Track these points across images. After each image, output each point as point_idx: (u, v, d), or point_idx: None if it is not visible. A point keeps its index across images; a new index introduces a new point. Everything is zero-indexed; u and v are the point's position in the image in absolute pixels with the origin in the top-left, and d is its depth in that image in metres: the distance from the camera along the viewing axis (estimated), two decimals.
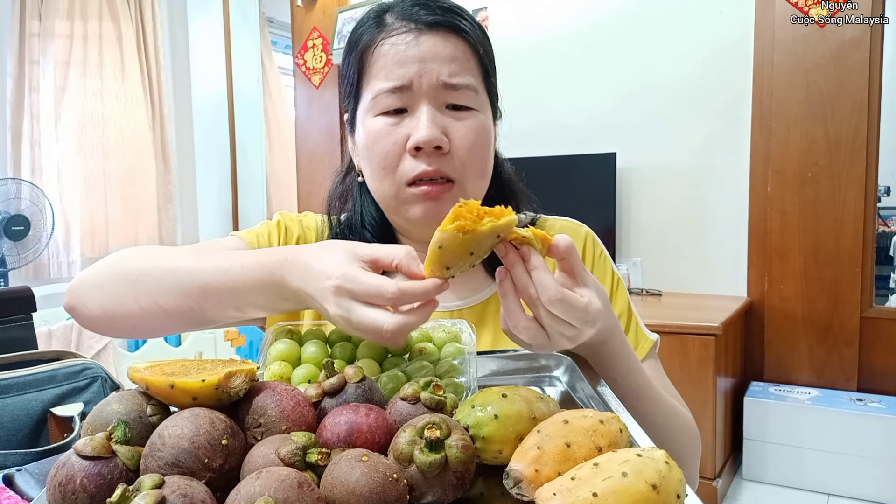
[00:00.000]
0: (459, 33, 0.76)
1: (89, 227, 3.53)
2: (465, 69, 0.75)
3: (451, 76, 0.74)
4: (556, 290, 0.56)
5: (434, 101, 0.74)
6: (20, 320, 1.24)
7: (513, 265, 0.57)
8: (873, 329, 2.58)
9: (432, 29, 0.74)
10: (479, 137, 0.76)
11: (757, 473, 2.59)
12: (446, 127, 0.75)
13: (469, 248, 0.54)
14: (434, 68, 0.73)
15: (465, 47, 0.76)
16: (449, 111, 0.75)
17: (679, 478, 0.42)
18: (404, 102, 0.75)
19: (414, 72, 0.73)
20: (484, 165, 0.78)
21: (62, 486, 0.43)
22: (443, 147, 0.74)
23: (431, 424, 0.45)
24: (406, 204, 0.77)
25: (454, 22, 0.75)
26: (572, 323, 0.58)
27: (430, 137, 0.72)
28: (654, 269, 2.98)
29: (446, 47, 0.74)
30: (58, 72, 3.42)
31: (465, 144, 0.75)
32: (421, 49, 0.74)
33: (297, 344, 0.67)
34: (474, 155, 0.76)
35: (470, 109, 0.76)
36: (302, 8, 3.76)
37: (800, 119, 2.63)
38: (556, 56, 3.14)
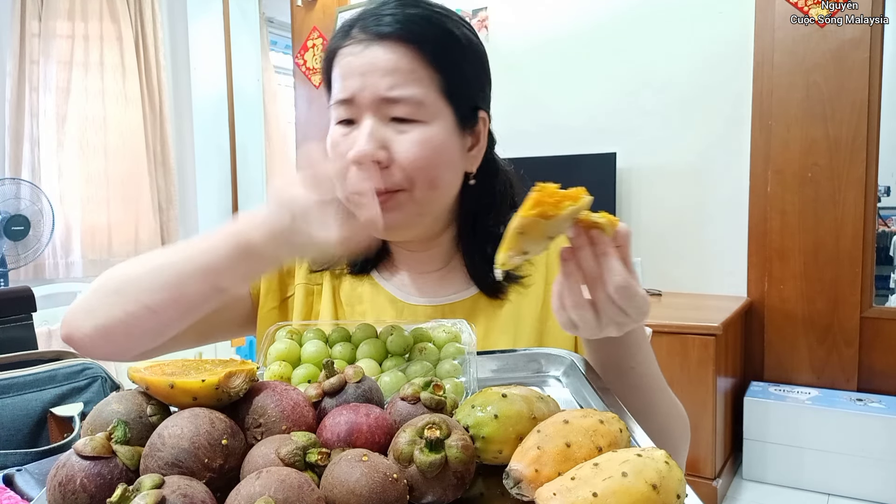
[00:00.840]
0: (409, 44, 0.73)
1: (89, 228, 3.53)
2: (407, 81, 0.73)
3: (390, 89, 0.72)
4: (624, 277, 0.57)
5: (377, 113, 0.73)
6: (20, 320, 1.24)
7: (581, 248, 0.58)
8: (873, 329, 2.58)
9: (381, 40, 0.73)
10: (421, 150, 0.73)
11: (757, 473, 2.59)
12: (388, 140, 0.73)
13: (548, 232, 0.55)
14: (373, 81, 0.72)
15: (413, 57, 0.73)
16: (393, 123, 0.74)
17: (679, 478, 0.42)
18: (351, 114, 0.75)
19: (356, 85, 0.73)
20: (434, 177, 0.75)
21: (62, 486, 0.43)
22: (381, 161, 0.72)
23: (431, 424, 0.45)
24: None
25: (406, 34, 0.73)
26: (627, 311, 0.59)
27: (363, 153, 0.72)
28: (654, 269, 2.98)
29: (389, 59, 0.73)
30: (58, 72, 3.42)
31: (407, 157, 0.73)
32: (363, 61, 0.73)
33: (297, 344, 0.67)
34: (418, 167, 0.73)
35: (414, 122, 0.74)
36: (302, 8, 3.76)
37: (800, 119, 2.63)
38: (556, 56, 3.14)
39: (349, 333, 0.69)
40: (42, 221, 3.11)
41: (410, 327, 0.69)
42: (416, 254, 0.87)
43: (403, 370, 0.64)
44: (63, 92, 3.44)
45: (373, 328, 0.70)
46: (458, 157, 0.78)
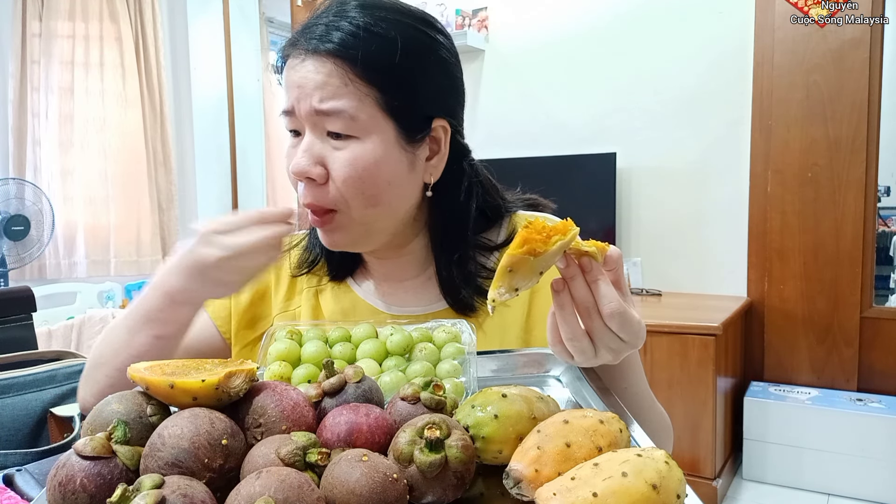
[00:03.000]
0: (338, 58, 0.70)
1: (90, 228, 3.53)
2: (338, 95, 0.70)
3: (321, 101, 0.70)
4: (619, 303, 0.57)
5: (314, 127, 0.72)
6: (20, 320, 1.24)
7: (573, 277, 0.57)
8: (873, 329, 2.58)
9: (314, 54, 0.72)
10: (354, 169, 0.71)
11: (757, 473, 2.59)
12: (325, 157, 0.72)
13: (538, 267, 0.55)
14: (307, 94, 0.71)
15: (344, 72, 0.70)
16: (330, 139, 0.72)
17: (679, 478, 0.42)
18: (296, 125, 0.74)
19: (294, 97, 0.72)
20: (371, 196, 0.73)
21: (62, 486, 0.43)
22: (316, 179, 0.71)
23: (431, 424, 0.45)
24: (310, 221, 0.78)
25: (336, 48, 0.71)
26: (623, 337, 0.58)
27: (297, 170, 0.71)
28: (653, 269, 2.98)
29: (319, 73, 0.71)
30: (59, 72, 3.42)
31: (340, 176, 0.71)
32: (299, 74, 0.72)
33: (297, 344, 0.67)
34: (352, 186, 0.71)
35: (350, 137, 0.71)
36: (302, 8, 3.76)
37: (800, 119, 2.63)
38: (556, 56, 3.14)
39: (349, 333, 0.69)
40: (42, 221, 3.11)
41: (411, 327, 0.69)
42: (387, 262, 0.85)
43: (403, 370, 0.64)
44: (63, 92, 3.44)
45: (373, 328, 0.70)
46: (402, 171, 0.74)
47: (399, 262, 0.85)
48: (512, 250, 0.53)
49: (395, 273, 0.85)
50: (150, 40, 3.67)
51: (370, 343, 0.67)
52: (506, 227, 0.87)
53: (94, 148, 3.53)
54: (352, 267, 0.88)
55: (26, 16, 3.29)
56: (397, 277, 0.85)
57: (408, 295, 0.85)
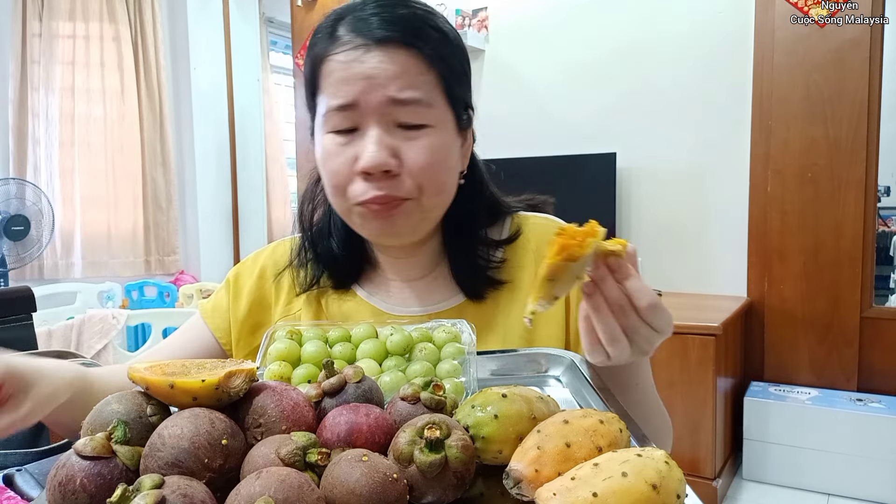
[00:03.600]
0: (410, 47, 0.71)
1: (90, 228, 3.53)
2: (415, 84, 0.71)
3: (399, 91, 0.70)
4: (652, 295, 0.58)
5: (382, 119, 0.71)
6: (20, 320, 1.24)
7: (603, 278, 0.58)
8: (873, 329, 2.58)
9: (381, 44, 0.70)
10: (433, 156, 0.72)
11: (757, 473, 2.59)
12: (397, 147, 0.71)
13: (576, 273, 0.56)
14: (380, 84, 0.70)
15: (417, 61, 0.71)
16: (400, 130, 0.71)
17: (679, 478, 0.42)
18: (353, 121, 0.71)
19: (360, 89, 0.70)
20: (441, 183, 0.74)
21: (62, 486, 0.43)
22: (392, 170, 0.71)
23: (431, 424, 0.45)
24: (361, 219, 0.75)
25: (405, 36, 0.71)
26: (658, 328, 0.59)
27: (376, 163, 0.69)
28: (654, 269, 2.98)
29: (394, 63, 0.70)
30: (59, 72, 3.42)
31: (417, 164, 0.71)
32: (366, 66, 0.70)
33: (297, 344, 0.67)
34: (429, 174, 0.72)
35: (423, 127, 0.72)
36: (302, 8, 3.76)
37: (800, 119, 2.63)
38: (556, 56, 3.14)
39: (349, 333, 0.69)
40: (42, 221, 3.11)
41: (411, 327, 0.69)
42: (401, 261, 0.85)
43: (403, 370, 0.64)
44: (63, 92, 3.44)
45: (373, 328, 0.69)
46: (457, 160, 0.77)
47: (413, 260, 0.84)
48: (551, 259, 0.54)
49: (407, 273, 0.85)
50: (149, 40, 3.67)
51: (370, 343, 0.67)
52: (508, 226, 0.87)
53: (94, 148, 3.53)
54: (357, 273, 0.87)
55: (26, 16, 3.29)
56: (407, 277, 0.85)
57: (422, 294, 0.84)
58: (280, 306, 0.87)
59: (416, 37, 0.72)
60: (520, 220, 0.88)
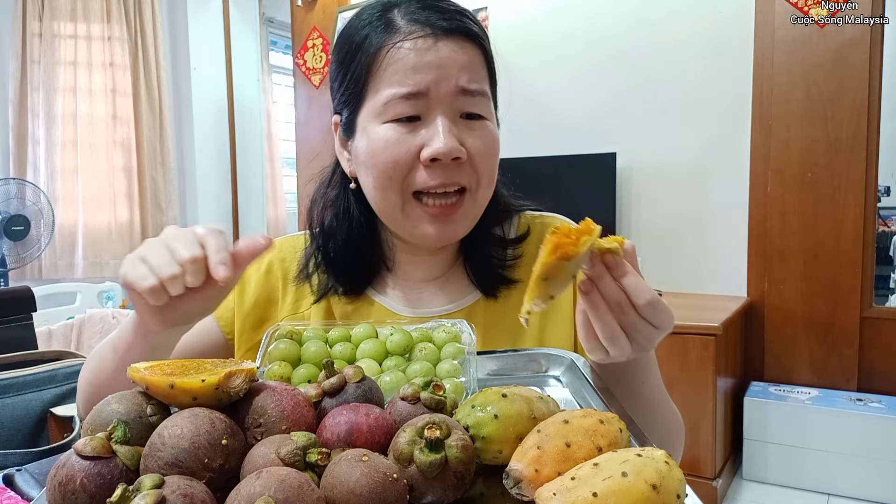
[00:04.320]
0: (473, 39, 0.73)
1: (89, 228, 3.53)
2: (480, 76, 0.74)
3: (469, 82, 0.72)
4: (651, 292, 0.57)
5: (449, 109, 0.72)
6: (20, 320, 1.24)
7: (600, 276, 0.57)
8: (873, 329, 2.58)
9: (448, 34, 0.71)
10: (491, 147, 0.75)
11: (757, 473, 2.59)
12: (461, 137, 0.72)
13: (571, 271, 0.55)
14: (453, 75, 0.71)
15: (479, 54, 0.74)
16: (462, 120, 0.73)
17: (679, 478, 0.42)
18: (418, 110, 0.71)
19: (431, 79, 0.70)
20: (494, 174, 0.77)
21: (62, 486, 0.43)
22: (460, 158, 0.72)
23: (431, 424, 0.45)
24: (414, 220, 0.75)
25: (467, 27, 0.73)
26: (657, 325, 0.58)
27: (451, 149, 0.70)
28: (654, 269, 2.97)
29: (463, 53, 0.72)
30: (59, 72, 3.42)
31: (479, 154, 0.73)
32: (440, 55, 0.71)
33: (297, 344, 0.67)
34: (487, 164, 0.74)
35: (482, 118, 0.74)
36: (302, 8, 3.76)
37: (800, 119, 2.63)
38: (556, 56, 3.14)
39: (349, 333, 0.69)
40: (42, 221, 3.12)
41: (411, 327, 0.69)
42: (422, 259, 0.84)
43: (403, 370, 0.64)
44: (64, 92, 3.44)
45: (373, 328, 0.69)
46: None
47: (434, 259, 0.84)
48: (545, 258, 0.54)
49: (424, 272, 0.84)
50: (149, 40, 3.67)
51: (370, 343, 0.67)
52: (516, 225, 0.87)
53: (94, 148, 3.53)
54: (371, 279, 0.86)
55: (26, 16, 3.29)
56: (423, 277, 0.84)
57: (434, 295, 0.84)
58: (287, 304, 0.86)
59: (475, 30, 0.74)
60: (528, 219, 0.88)
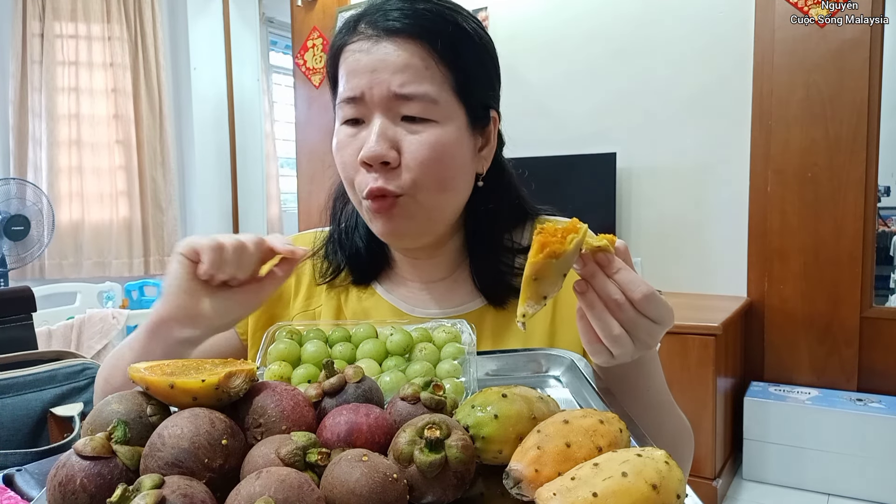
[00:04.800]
0: (422, 40, 0.70)
1: (90, 228, 3.53)
2: (420, 78, 0.70)
3: (402, 86, 0.69)
4: (646, 285, 0.56)
5: (387, 112, 0.70)
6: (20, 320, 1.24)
7: (593, 275, 0.57)
8: (873, 329, 2.58)
9: (392, 36, 0.70)
10: (433, 151, 0.70)
11: (757, 473, 2.59)
12: (398, 140, 0.70)
13: (561, 270, 0.55)
14: (384, 78, 0.69)
15: (427, 54, 0.70)
16: (404, 123, 0.71)
17: (679, 478, 0.42)
18: (360, 113, 0.72)
19: (365, 82, 0.70)
20: (442, 179, 0.72)
21: (62, 486, 0.43)
22: (390, 162, 0.70)
23: (431, 424, 0.45)
24: (368, 214, 0.75)
25: (419, 28, 0.70)
26: (656, 320, 0.57)
27: (373, 154, 0.69)
28: (654, 269, 2.98)
29: (400, 55, 0.70)
30: (59, 72, 3.42)
31: (416, 159, 0.70)
32: (373, 58, 0.70)
33: (297, 344, 0.67)
34: (427, 169, 0.71)
35: (426, 121, 0.71)
36: (302, 8, 3.76)
37: (800, 119, 2.63)
38: (557, 56, 3.14)
39: (349, 333, 0.69)
40: (42, 221, 3.12)
41: (411, 327, 0.69)
42: (420, 262, 0.83)
43: (403, 370, 0.64)
44: (64, 92, 3.44)
45: (373, 328, 0.69)
46: (468, 159, 0.76)
47: (432, 262, 0.83)
48: (532, 258, 0.54)
49: (426, 274, 0.84)
50: (149, 40, 3.67)
51: (370, 343, 0.67)
52: (530, 231, 0.86)
53: (94, 148, 3.53)
54: (377, 271, 0.86)
55: (26, 16, 3.29)
56: (427, 279, 0.84)
57: (442, 296, 0.83)
58: (300, 300, 0.86)
59: (428, 30, 0.71)
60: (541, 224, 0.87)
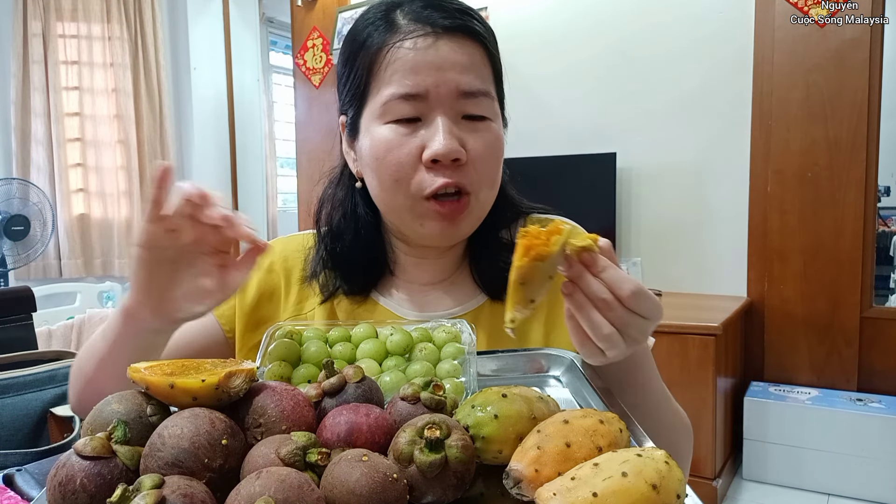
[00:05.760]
0: (476, 38, 0.72)
1: (90, 228, 3.53)
2: (481, 76, 0.72)
3: (470, 84, 0.70)
4: (634, 282, 0.56)
5: (450, 110, 0.71)
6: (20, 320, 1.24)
7: (580, 275, 0.56)
8: (873, 329, 2.58)
9: (449, 33, 0.70)
10: (493, 149, 0.73)
11: (757, 473, 2.59)
12: (462, 138, 0.71)
13: (547, 272, 0.55)
14: (452, 76, 0.70)
15: (482, 53, 0.73)
16: (464, 121, 0.72)
17: (679, 478, 0.42)
18: (418, 111, 0.70)
19: (431, 80, 0.69)
20: (496, 176, 0.76)
21: (62, 486, 0.43)
22: (461, 159, 0.70)
23: (431, 424, 0.45)
24: (422, 218, 0.74)
25: (470, 25, 0.72)
26: (646, 315, 0.57)
27: (450, 150, 0.69)
28: (654, 269, 2.98)
29: (464, 53, 0.71)
30: (59, 72, 3.42)
31: (481, 156, 0.72)
32: (439, 55, 0.69)
33: (297, 344, 0.67)
34: (488, 166, 0.73)
35: (485, 119, 0.73)
36: (302, 8, 3.76)
37: (800, 119, 2.63)
38: (557, 56, 3.14)
39: (349, 333, 0.69)
40: (42, 221, 3.12)
41: (411, 327, 0.69)
42: (427, 262, 0.83)
43: (403, 370, 0.64)
44: (64, 92, 3.45)
45: (373, 328, 0.69)
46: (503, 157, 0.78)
47: (441, 262, 0.83)
48: (518, 262, 0.53)
49: (430, 275, 0.83)
50: (149, 40, 3.67)
51: (370, 343, 0.67)
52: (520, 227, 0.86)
53: (94, 148, 3.53)
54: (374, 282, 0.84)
55: (27, 16, 3.29)
56: (429, 280, 0.84)
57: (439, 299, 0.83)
58: (291, 304, 0.85)
59: (476, 29, 0.72)
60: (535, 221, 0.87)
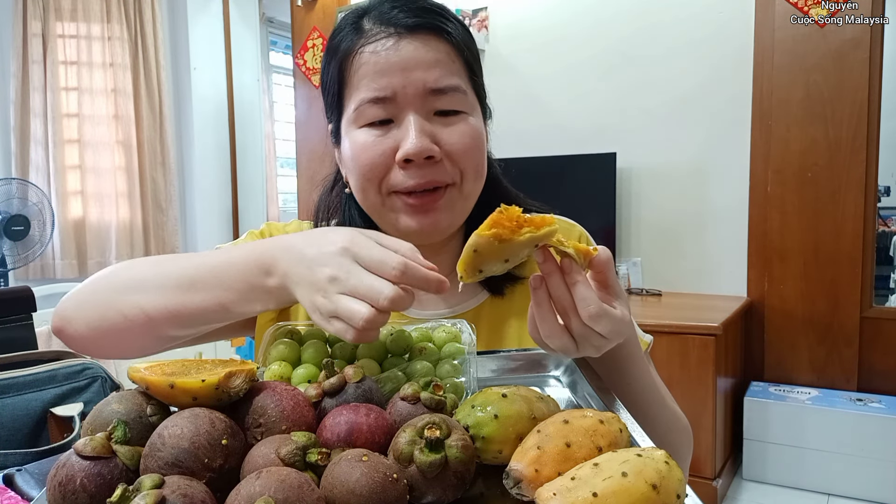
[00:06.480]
0: (441, 34, 0.72)
1: (90, 227, 3.53)
2: (450, 71, 0.71)
3: (437, 81, 0.70)
4: (598, 306, 0.55)
5: (421, 109, 0.71)
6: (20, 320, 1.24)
7: (550, 274, 0.56)
8: (873, 329, 2.58)
9: (413, 32, 0.70)
10: (471, 139, 0.73)
11: (757, 473, 2.59)
12: (435, 134, 0.71)
13: (504, 255, 0.54)
14: (418, 75, 0.69)
15: (449, 48, 0.72)
16: (437, 117, 0.72)
17: (679, 478, 0.42)
18: (389, 113, 0.71)
19: (397, 81, 0.69)
20: (479, 167, 0.75)
21: (62, 486, 0.43)
22: (434, 157, 0.70)
23: (431, 424, 0.45)
24: (395, 213, 0.74)
25: (435, 23, 0.71)
26: (606, 336, 0.57)
27: (421, 149, 0.69)
28: (654, 269, 2.98)
29: (429, 51, 0.70)
30: (59, 72, 3.42)
31: (457, 150, 0.72)
32: (402, 55, 0.70)
33: (297, 344, 0.67)
34: (467, 157, 0.72)
35: (459, 113, 0.73)
36: (302, 8, 3.76)
37: (800, 119, 2.63)
38: (556, 56, 3.14)
39: None
40: (42, 221, 3.11)
41: (411, 327, 0.69)
42: None
43: (403, 370, 0.64)
44: (64, 92, 3.45)
45: None
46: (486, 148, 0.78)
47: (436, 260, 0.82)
48: (480, 231, 0.52)
49: None
50: (149, 40, 3.67)
51: (370, 343, 0.67)
52: None
53: (94, 148, 3.53)
54: None
55: (27, 16, 3.29)
56: None
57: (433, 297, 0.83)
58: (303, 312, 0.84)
59: (441, 25, 0.72)
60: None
